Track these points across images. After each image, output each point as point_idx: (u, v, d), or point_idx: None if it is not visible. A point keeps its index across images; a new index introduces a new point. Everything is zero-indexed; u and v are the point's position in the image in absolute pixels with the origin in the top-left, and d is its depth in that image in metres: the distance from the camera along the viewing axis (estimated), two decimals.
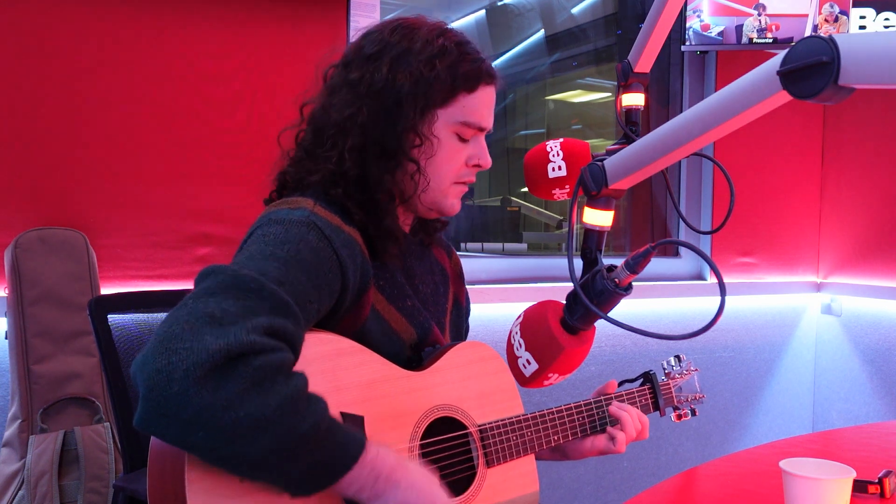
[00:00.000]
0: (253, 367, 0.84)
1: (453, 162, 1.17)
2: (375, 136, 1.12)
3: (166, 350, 0.83)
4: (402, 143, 1.12)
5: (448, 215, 1.23)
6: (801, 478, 1.02)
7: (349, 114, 1.13)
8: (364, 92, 1.13)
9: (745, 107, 0.81)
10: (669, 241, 0.96)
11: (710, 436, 3.04)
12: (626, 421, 1.29)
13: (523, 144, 3.57)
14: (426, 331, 1.20)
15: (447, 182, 1.18)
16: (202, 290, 0.90)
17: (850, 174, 3.14)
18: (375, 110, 1.12)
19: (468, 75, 1.14)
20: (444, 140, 1.16)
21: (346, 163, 1.12)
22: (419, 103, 1.12)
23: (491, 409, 1.21)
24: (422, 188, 1.16)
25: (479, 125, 1.17)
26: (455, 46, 1.15)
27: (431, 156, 1.15)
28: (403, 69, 1.12)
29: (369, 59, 1.14)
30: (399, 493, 0.96)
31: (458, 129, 1.16)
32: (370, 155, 1.13)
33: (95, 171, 2.06)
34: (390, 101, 1.12)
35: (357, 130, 1.12)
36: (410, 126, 1.12)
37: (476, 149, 1.19)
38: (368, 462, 0.93)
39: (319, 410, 0.90)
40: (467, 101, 1.15)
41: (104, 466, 1.89)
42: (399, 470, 0.97)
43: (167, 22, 2.13)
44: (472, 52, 1.17)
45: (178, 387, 0.81)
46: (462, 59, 1.14)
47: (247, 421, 0.83)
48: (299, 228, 1.02)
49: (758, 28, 2.72)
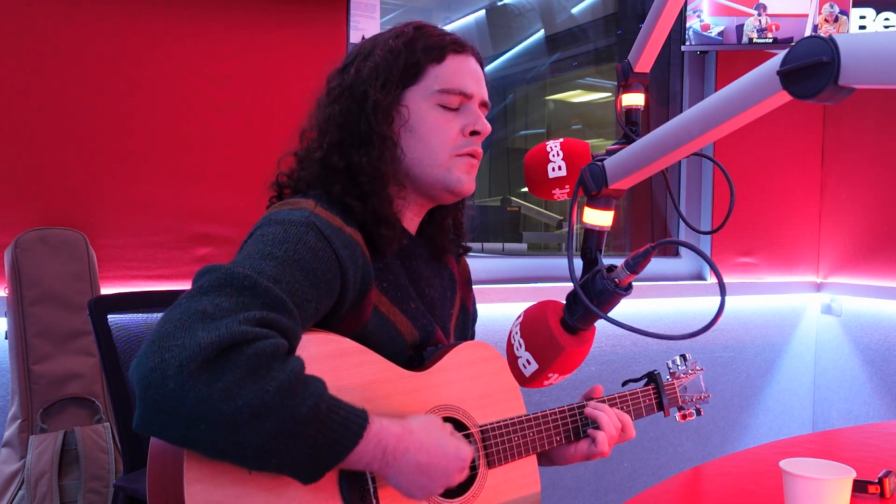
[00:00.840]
0: (247, 355, 0.85)
1: (443, 131, 1.18)
2: (350, 127, 1.17)
3: (159, 349, 0.83)
4: (371, 124, 1.16)
5: (461, 194, 1.22)
6: (801, 478, 1.02)
7: (325, 115, 1.20)
8: (337, 94, 1.20)
9: (745, 107, 0.81)
10: (669, 241, 0.96)
11: (711, 436, 3.04)
12: (603, 420, 1.28)
13: (523, 144, 3.57)
14: (429, 333, 1.20)
15: (444, 154, 1.18)
16: (196, 290, 0.91)
17: (850, 174, 3.14)
18: (347, 105, 1.18)
19: (430, 47, 1.18)
20: (426, 112, 1.18)
21: (332, 157, 1.16)
22: (379, 82, 1.16)
23: (493, 410, 1.21)
24: (411, 161, 1.18)
25: (459, 90, 1.19)
26: (413, 29, 1.21)
27: (412, 129, 1.18)
28: (367, 63, 1.19)
29: (343, 69, 1.23)
30: (410, 456, 0.98)
31: (439, 98, 1.18)
32: (349, 146, 1.16)
33: (95, 171, 2.07)
34: (358, 92, 1.18)
35: (333, 127, 1.18)
36: (376, 106, 1.16)
37: (469, 117, 1.20)
38: (374, 435, 0.94)
39: (318, 391, 0.90)
40: (438, 70, 1.18)
41: (104, 466, 1.89)
42: (405, 437, 0.98)
43: (167, 22, 2.13)
44: (432, 29, 1.22)
45: (174, 383, 0.81)
46: (421, 37, 1.19)
47: (246, 409, 0.83)
48: (298, 229, 1.03)
49: (758, 28, 2.72)
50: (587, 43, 3.37)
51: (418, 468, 0.99)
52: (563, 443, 1.27)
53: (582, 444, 1.29)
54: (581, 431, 1.30)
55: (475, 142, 1.21)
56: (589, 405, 1.30)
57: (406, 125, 1.17)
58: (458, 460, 1.04)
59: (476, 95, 1.21)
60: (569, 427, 1.28)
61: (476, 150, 1.21)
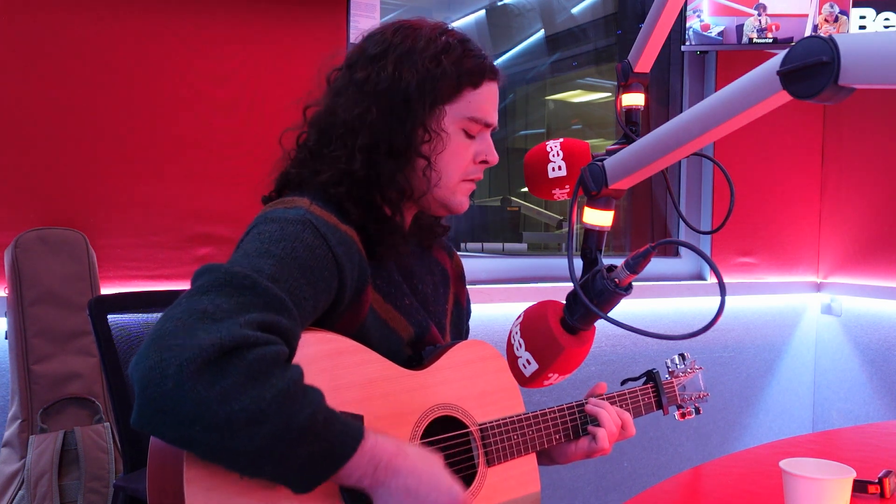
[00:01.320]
0: (247, 360, 0.85)
1: (461, 158, 1.18)
2: (385, 135, 1.12)
3: (159, 348, 0.83)
4: (411, 139, 1.13)
5: (457, 213, 1.22)
6: (801, 478, 1.02)
7: (357, 113, 1.13)
8: (371, 91, 1.13)
9: (745, 107, 0.81)
10: (669, 241, 0.96)
11: (711, 436, 3.04)
12: (603, 417, 1.28)
13: (523, 144, 3.57)
14: (424, 329, 1.20)
15: (456, 179, 1.18)
16: (196, 289, 0.90)
17: (850, 174, 3.14)
18: (383, 109, 1.12)
19: (472, 71, 1.15)
20: (453, 136, 1.16)
21: (356, 162, 1.12)
22: (427, 99, 1.12)
23: (492, 409, 1.21)
24: (433, 184, 1.17)
25: (485, 121, 1.18)
26: (458, 43, 1.16)
27: (441, 151, 1.15)
28: (408, 67, 1.13)
29: (374, 59, 1.15)
30: (400, 478, 0.96)
31: (465, 124, 1.17)
32: (380, 153, 1.13)
33: (95, 171, 2.07)
34: (398, 99, 1.12)
35: (366, 129, 1.12)
36: (419, 122, 1.13)
37: (482, 145, 1.20)
38: (367, 451, 0.94)
39: (316, 402, 0.90)
40: (472, 96, 1.16)
41: (104, 466, 1.89)
42: (399, 456, 0.97)
43: (167, 22, 2.13)
44: (475, 49, 1.18)
45: (173, 382, 0.81)
46: (466, 54, 1.15)
47: (243, 414, 0.83)
48: (294, 227, 1.03)
49: (758, 28, 2.72)
50: (587, 43, 3.37)
51: (407, 492, 0.97)
52: (562, 441, 1.27)
53: (582, 442, 1.29)
54: (581, 429, 1.30)
55: (482, 169, 1.22)
56: (590, 402, 1.31)
57: (437, 147, 1.16)
58: (448, 497, 1.00)
59: (494, 125, 1.21)
60: (568, 425, 1.28)
61: (480, 177, 1.22)
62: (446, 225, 1.35)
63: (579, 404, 1.31)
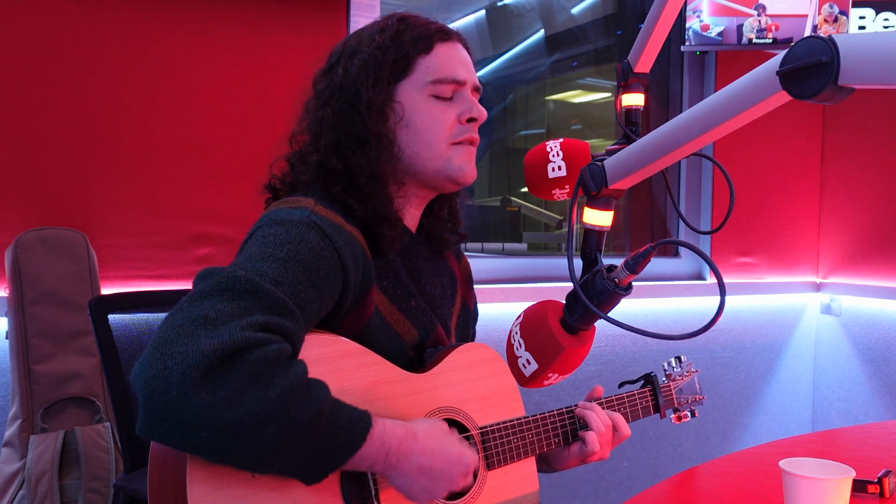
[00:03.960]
0: (250, 362, 0.85)
1: (440, 122, 1.18)
2: (344, 128, 1.16)
3: (162, 355, 0.83)
4: (367, 123, 1.15)
5: (463, 182, 1.21)
6: (801, 478, 1.02)
7: (318, 117, 1.18)
8: (327, 95, 1.18)
9: (745, 107, 0.81)
10: (669, 241, 0.96)
11: (710, 436, 3.05)
12: (591, 419, 1.26)
13: (523, 144, 3.57)
14: (429, 332, 1.20)
15: (442, 144, 1.18)
16: (197, 293, 0.90)
17: (850, 174, 3.14)
18: (339, 106, 1.16)
19: (416, 38, 1.17)
20: (421, 105, 1.17)
21: (329, 159, 1.15)
22: (370, 79, 1.15)
23: (492, 412, 1.21)
24: (414, 156, 1.17)
25: (451, 78, 1.18)
26: (397, 21, 1.19)
27: (407, 125, 1.17)
28: (355, 61, 1.17)
29: (329, 69, 1.21)
30: (413, 459, 0.98)
31: (431, 90, 1.17)
32: (346, 147, 1.15)
33: (95, 171, 2.07)
34: (349, 91, 1.16)
35: (328, 129, 1.17)
36: (370, 105, 1.15)
37: (463, 104, 1.19)
38: (377, 438, 0.95)
39: (321, 396, 0.90)
40: (427, 61, 1.17)
41: (104, 466, 1.89)
42: (409, 439, 0.98)
43: (167, 22, 2.13)
44: (416, 19, 1.20)
45: (177, 391, 0.81)
46: (406, 28, 1.18)
47: (249, 417, 0.83)
48: (299, 229, 1.02)
49: (758, 28, 2.72)
50: (587, 43, 3.37)
51: (421, 471, 0.99)
52: (560, 444, 1.27)
53: (575, 447, 1.28)
54: (572, 434, 1.28)
55: (472, 128, 1.21)
56: (579, 405, 1.30)
57: (401, 121, 1.17)
58: (461, 465, 1.04)
59: (468, 81, 1.20)
60: (567, 429, 1.28)
61: (473, 137, 1.21)
62: (463, 233, 1.35)
63: (569, 409, 1.30)
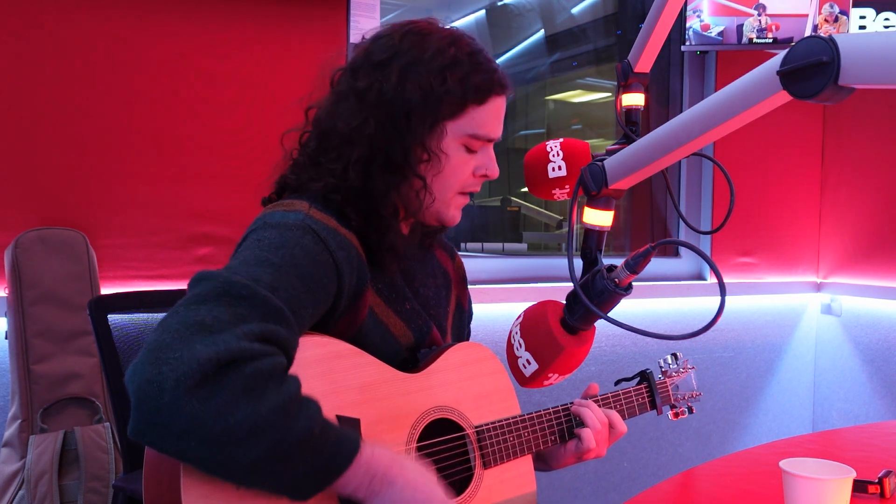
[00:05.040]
0: (244, 374, 0.84)
1: (460, 174, 1.15)
2: (382, 149, 1.09)
3: (157, 360, 0.82)
4: (409, 157, 1.10)
5: (448, 225, 1.21)
6: (801, 478, 1.02)
7: (356, 124, 1.10)
8: (372, 101, 1.10)
9: (745, 107, 0.81)
10: (669, 241, 0.96)
11: (710, 436, 3.04)
12: (586, 415, 1.26)
13: (523, 144, 3.57)
14: (424, 334, 1.20)
15: (452, 193, 1.16)
16: (193, 298, 0.89)
17: (850, 174, 3.14)
18: (383, 122, 1.09)
19: (479, 87, 1.11)
20: (453, 152, 1.13)
21: (351, 174, 1.10)
22: (428, 117, 1.09)
23: (487, 410, 1.21)
24: (427, 204, 1.14)
25: (487, 137, 1.15)
26: (467, 57, 1.11)
27: (438, 172, 1.13)
28: (413, 79, 1.09)
29: (378, 66, 1.11)
30: (395, 490, 0.96)
31: (467, 141, 1.13)
32: (376, 167, 1.10)
33: (95, 171, 2.06)
34: (399, 112, 1.09)
35: (364, 142, 1.09)
36: (419, 140, 1.10)
37: (483, 159, 1.17)
38: (363, 462, 0.93)
39: (312, 414, 0.90)
40: (477, 112, 1.12)
41: (104, 466, 1.89)
42: (395, 468, 0.97)
43: (167, 22, 2.13)
44: (485, 62, 1.13)
45: (169, 397, 0.80)
46: (474, 70, 1.11)
47: (238, 429, 0.82)
48: (294, 232, 1.01)
49: (758, 28, 2.72)
50: (587, 43, 3.37)
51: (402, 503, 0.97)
52: (557, 442, 1.27)
53: (570, 444, 1.28)
54: (568, 432, 1.28)
55: (480, 183, 1.19)
56: (574, 403, 1.29)
57: (435, 165, 1.13)
58: None
59: (497, 139, 1.17)
60: (555, 428, 1.27)
61: (477, 190, 1.20)
62: None
63: (565, 407, 1.30)
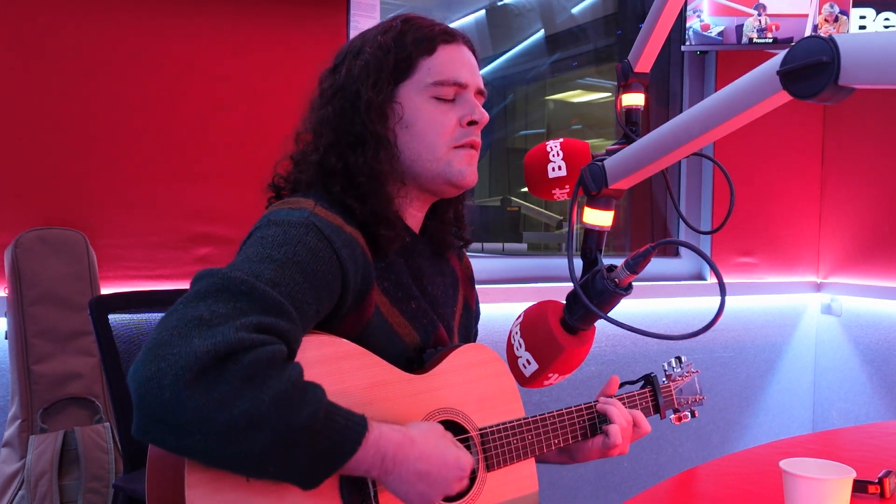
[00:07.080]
0: (243, 363, 0.84)
1: (440, 125, 1.17)
2: (344, 128, 1.16)
3: (156, 357, 0.83)
4: (366, 124, 1.15)
5: (463, 186, 1.21)
6: (801, 478, 1.02)
7: (319, 117, 1.19)
8: (329, 95, 1.19)
9: (745, 107, 0.81)
10: (669, 241, 0.96)
11: (710, 436, 3.04)
12: (613, 413, 1.28)
13: (523, 144, 3.57)
14: (430, 333, 1.20)
15: (442, 147, 1.17)
16: (193, 295, 0.90)
17: (850, 174, 3.14)
18: (340, 105, 1.17)
19: (419, 39, 1.17)
20: (421, 107, 1.17)
21: (329, 159, 1.15)
22: (371, 80, 1.15)
23: (492, 413, 1.21)
24: (410, 158, 1.17)
25: (453, 81, 1.17)
26: (402, 23, 1.19)
27: (407, 126, 1.17)
28: (357, 61, 1.18)
29: (334, 69, 1.22)
30: (409, 465, 0.98)
31: (433, 91, 1.17)
32: (345, 146, 1.15)
33: (95, 171, 2.06)
34: (350, 92, 1.16)
35: (328, 129, 1.17)
36: (369, 105, 1.15)
37: (465, 107, 1.19)
38: (372, 443, 0.94)
39: (316, 399, 0.90)
40: (429, 63, 1.17)
41: (104, 466, 1.89)
42: (405, 445, 0.98)
43: (167, 22, 2.13)
44: (420, 20, 1.20)
45: (170, 392, 0.81)
46: (410, 29, 1.18)
47: (242, 419, 0.83)
48: (297, 230, 1.02)
49: (758, 28, 2.72)
50: (587, 43, 3.37)
51: (417, 476, 0.99)
52: (560, 445, 1.27)
53: (597, 439, 1.30)
54: (590, 430, 1.30)
55: (473, 132, 1.20)
56: (600, 401, 1.31)
57: (401, 122, 1.17)
58: (457, 470, 1.03)
59: (471, 84, 1.20)
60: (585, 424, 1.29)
61: (475, 141, 1.20)
62: (468, 238, 1.35)
63: (588, 405, 1.31)
